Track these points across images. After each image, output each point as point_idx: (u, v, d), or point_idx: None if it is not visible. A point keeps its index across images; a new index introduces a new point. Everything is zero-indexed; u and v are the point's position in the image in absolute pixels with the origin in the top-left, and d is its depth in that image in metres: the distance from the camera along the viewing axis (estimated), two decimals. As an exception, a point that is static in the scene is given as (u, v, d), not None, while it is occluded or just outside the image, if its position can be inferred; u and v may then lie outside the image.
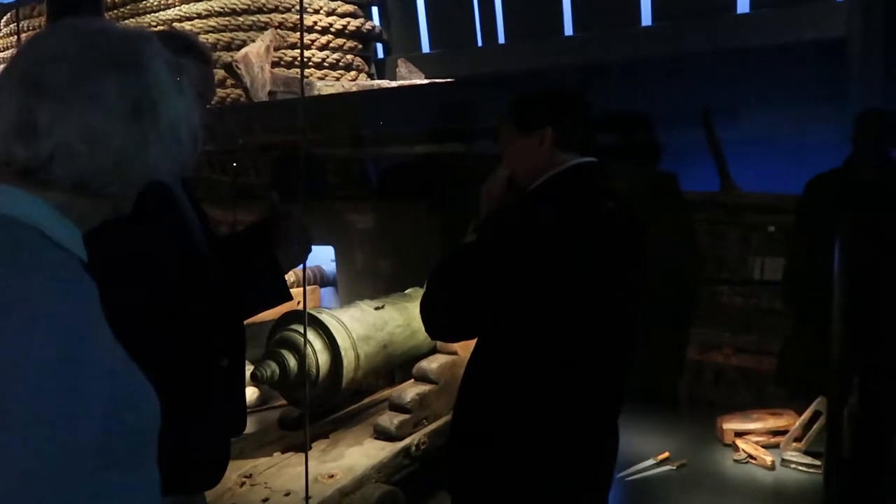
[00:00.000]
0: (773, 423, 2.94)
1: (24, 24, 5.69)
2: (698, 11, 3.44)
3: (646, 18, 3.58)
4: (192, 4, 4.37)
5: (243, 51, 3.31)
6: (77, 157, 0.75)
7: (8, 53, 6.04)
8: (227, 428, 1.46)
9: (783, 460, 2.74)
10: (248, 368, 3.15)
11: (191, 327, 1.26)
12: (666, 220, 3.05)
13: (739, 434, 2.91)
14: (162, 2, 4.56)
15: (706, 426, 3.09)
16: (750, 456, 2.78)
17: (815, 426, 2.77)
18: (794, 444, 2.80)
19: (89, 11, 2.98)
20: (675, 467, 2.69)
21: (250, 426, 3.18)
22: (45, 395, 0.63)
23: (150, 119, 0.79)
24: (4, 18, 6.39)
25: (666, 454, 2.77)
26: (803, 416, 2.81)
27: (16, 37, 5.78)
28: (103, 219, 0.82)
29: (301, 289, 2.13)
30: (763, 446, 2.84)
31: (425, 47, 4.42)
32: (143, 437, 0.76)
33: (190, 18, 4.36)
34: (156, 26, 4.56)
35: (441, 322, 1.45)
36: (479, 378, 1.42)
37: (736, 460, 2.80)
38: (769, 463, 2.71)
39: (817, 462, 2.67)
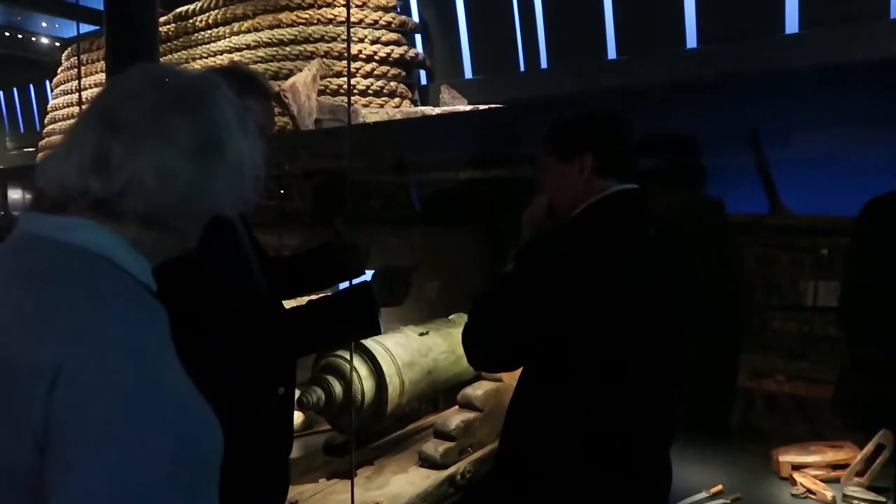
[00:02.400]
0: (832, 455, 2.81)
1: (83, 57, 5.95)
2: (745, 33, 3.39)
3: (690, 41, 3.54)
4: (241, 36, 4.50)
5: (291, 80, 3.38)
6: (147, 191, 0.78)
7: (69, 85, 6.31)
8: (284, 454, 1.47)
9: (844, 496, 2.61)
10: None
11: (253, 356, 1.28)
12: (713, 246, 2.98)
13: (797, 467, 2.80)
14: (212, 34, 4.72)
15: (760, 457, 2.98)
16: (809, 490, 2.67)
17: (879, 460, 2.64)
18: (856, 478, 2.67)
19: (145, 46, 3.09)
20: (729, 501, 2.60)
21: (295, 451, 3.20)
22: (120, 422, 0.66)
23: (215, 156, 0.83)
24: (66, 52, 6.69)
25: (719, 487, 2.67)
26: (865, 450, 2.69)
27: (76, 69, 6.03)
28: (172, 253, 0.87)
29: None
30: (822, 480, 2.72)
31: (468, 73, 4.46)
32: (208, 467, 0.78)
33: (239, 49, 4.49)
34: (206, 58, 4.71)
35: (482, 354, 1.44)
36: (525, 409, 1.40)
37: (794, 494, 2.68)
38: (830, 498, 2.60)
39: (881, 498, 2.54)
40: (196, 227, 0.87)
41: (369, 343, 2.45)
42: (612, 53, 3.82)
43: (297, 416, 3.41)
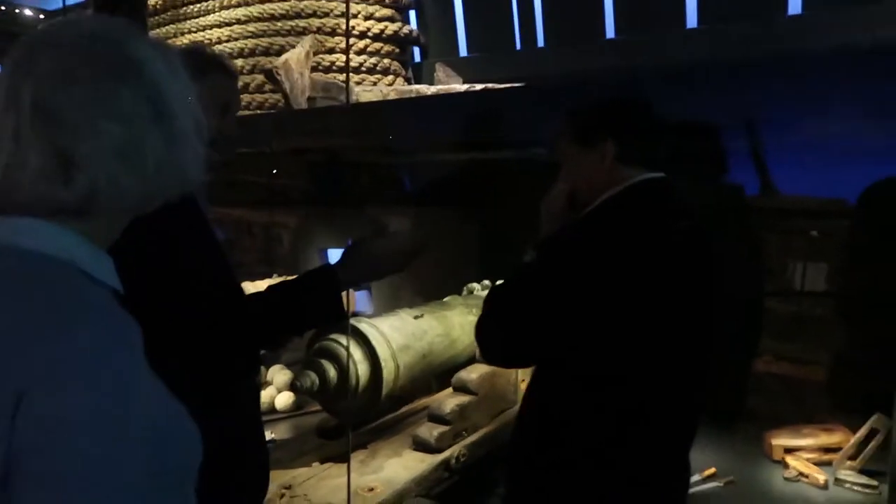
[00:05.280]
0: (825, 439, 2.82)
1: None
2: (746, 13, 3.33)
3: (691, 20, 3.48)
4: (230, 10, 4.39)
5: (283, 57, 3.31)
6: (116, 183, 0.70)
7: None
8: (264, 446, 1.44)
9: (837, 479, 2.63)
10: (283, 375, 3.16)
11: (228, 346, 1.23)
12: (735, 237, 2.94)
13: (789, 450, 2.81)
14: (201, 8, 4.60)
15: (751, 439, 2.99)
16: (801, 474, 2.68)
17: (872, 444, 2.65)
18: (849, 462, 2.69)
19: (132, 19, 3.00)
20: (722, 484, 2.60)
21: (287, 433, 3.19)
22: (90, 452, 0.59)
23: (168, 118, 0.74)
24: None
25: (712, 470, 2.68)
26: (859, 433, 2.70)
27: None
28: (119, 233, 0.78)
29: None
30: (814, 463, 2.73)
31: (463, 51, 4.38)
32: (187, 473, 0.73)
33: (229, 24, 4.39)
34: (196, 31, 4.60)
35: (499, 349, 1.37)
36: (541, 405, 1.34)
37: (786, 478, 2.69)
38: (822, 482, 2.61)
39: (874, 482, 2.56)
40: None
41: (364, 326, 2.42)
42: (610, 33, 3.75)
43: (288, 397, 3.40)
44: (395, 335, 2.48)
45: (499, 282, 1.39)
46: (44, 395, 0.59)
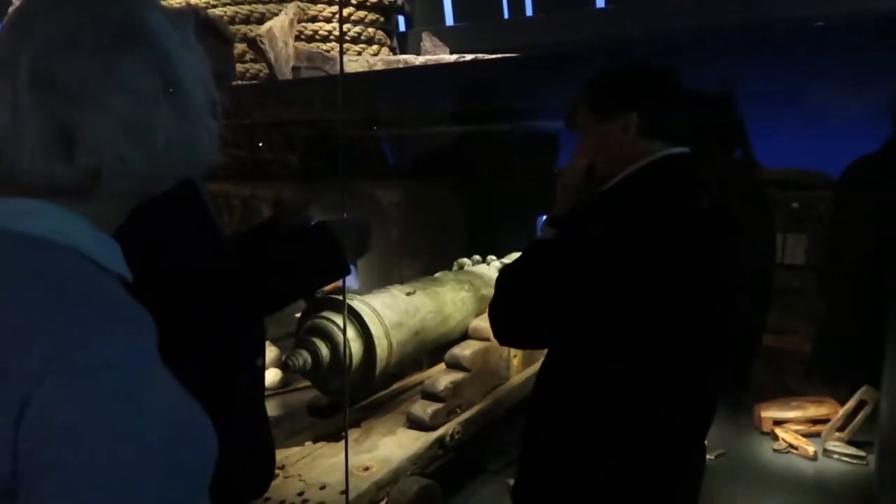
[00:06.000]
0: (813, 411, 2.86)
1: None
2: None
3: (682, -11, 3.42)
4: (208, -24, 4.24)
5: (267, 25, 3.19)
6: (124, 162, 0.64)
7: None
8: (268, 431, 1.40)
9: (825, 450, 2.67)
10: (270, 352, 3.11)
11: (234, 329, 1.19)
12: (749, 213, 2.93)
13: (778, 422, 2.84)
14: (178, -27, 4.43)
15: (736, 409, 3.02)
16: (791, 446, 2.71)
17: (860, 415, 2.69)
18: (837, 433, 2.72)
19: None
20: (713, 457, 2.62)
21: (276, 410, 3.15)
22: (106, 462, 0.54)
23: (181, 92, 0.67)
24: (16, -10, 6.27)
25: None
26: (847, 405, 2.73)
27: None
28: (125, 217, 0.71)
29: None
30: (803, 435, 2.77)
31: (449, 20, 4.28)
32: (203, 473, 0.68)
33: (206, -10, 4.23)
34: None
35: (513, 330, 1.31)
36: (555, 387, 1.29)
37: (776, 450, 2.73)
38: (811, 453, 2.64)
39: (862, 453, 2.60)
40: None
41: (356, 304, 2.37)
42: (600, 2, 3.69)
43: (275, 374, 3.35)
44: (387, 312, 2.43)
45: (508, 259, 1.33)
46: (52, 400, 0.53)
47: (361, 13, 4.03)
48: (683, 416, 1.27)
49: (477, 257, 3.16)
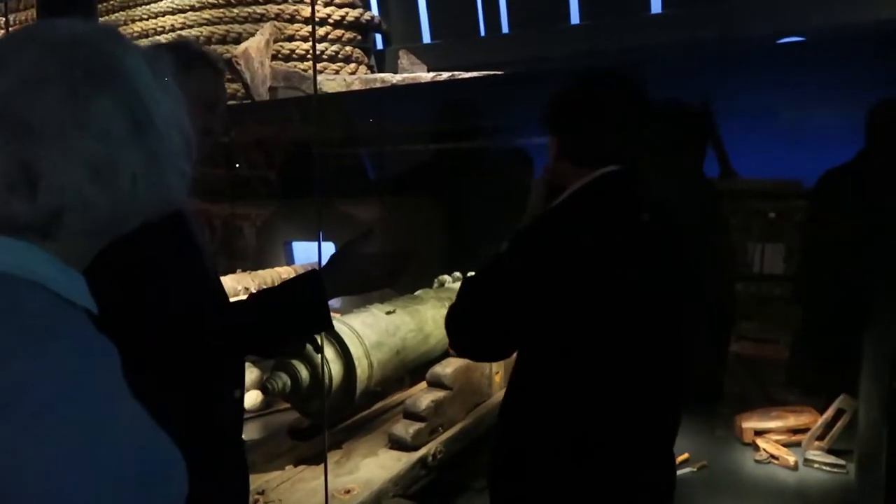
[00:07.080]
0: (793, 421, 2.88)
1: (11, 17, 5.53)
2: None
3: (655, 5, 3.48)
4: (184, -4, 4.24)
5: (243, 46, 3.19)
6: (87, 202, 0.63)
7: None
8: (244, 463, 1.39)
9: (806, 460, 2.68)
10: (251, 374, 3.08)
11: (211, 360, 1.17)
12: (702, 225, 2.97)
13: (759, 433, 2.85)
14: (153, -7, 4.43)
15: (718, 421, 3.03)
16: (772, 456, 2.72)
17: (839, 424, 2.71)
18: (817, 442, 2.74)
19: (80, 3, 2.85)
20: (695, 469, 2.63)
21: (257, 433, 3.11)
22: (56, 492, 0.53)
23: (152, 132, 0.67)
24: (-10, 12, 6.21)
25: (685, 456, 2.70)
26: (826, 414, 2.75)
27: (3, 31, 5.61)
28: (93, 255, 0.71)
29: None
30: (784, 445, 2.78)
31: (426, 37, 4.31)
32: (172, 502, 0.68)
33: (182, 11, 4.23)
34: (147, 19, 4.43)
35: (468, 340, 1.35)
36: (520, 403, 1.32)
37: (757, 461, 2.74)
38: (792, 463, 2.66)
39: (842, 462, 2.61)
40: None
41: (336, 324, 2.36)
42: (575, 18, 3.73)
43: (256, 396, 3.31)
44: (367, 332, 2.42)
45: (470, 273, 1.36)
46: (4, 434, 0.52)
47: (339, 32, 4.05)
48: (641, 425, 1.29)
49: (457, 274, 3.16)
